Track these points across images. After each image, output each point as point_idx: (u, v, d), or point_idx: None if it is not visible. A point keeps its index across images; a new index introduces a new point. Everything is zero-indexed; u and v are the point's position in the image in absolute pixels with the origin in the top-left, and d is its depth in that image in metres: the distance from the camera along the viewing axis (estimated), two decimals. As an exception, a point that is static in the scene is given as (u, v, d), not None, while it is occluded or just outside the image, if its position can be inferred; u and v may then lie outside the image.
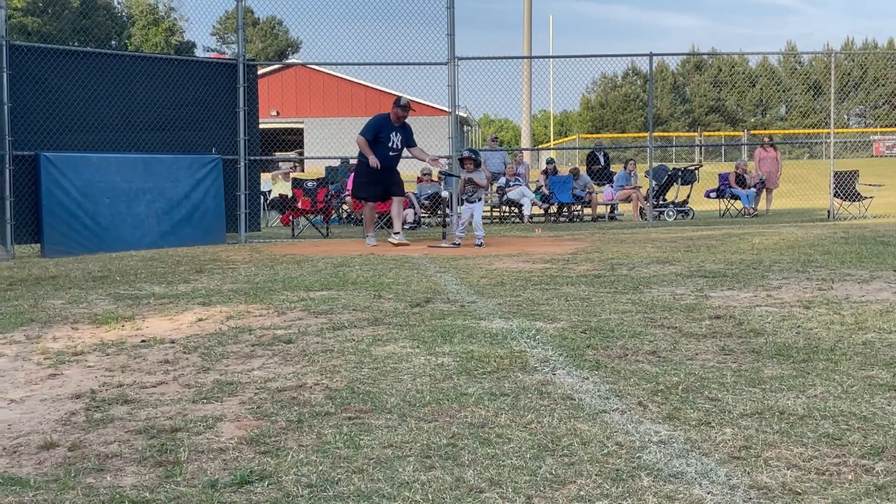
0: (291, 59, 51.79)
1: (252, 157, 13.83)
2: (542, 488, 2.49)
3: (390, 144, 12.14)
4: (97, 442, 3.08)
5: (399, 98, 12.28)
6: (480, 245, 11.64)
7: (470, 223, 12.17)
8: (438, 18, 14.90)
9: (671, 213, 18.86)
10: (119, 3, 61.08)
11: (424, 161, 12.89)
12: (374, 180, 12.29)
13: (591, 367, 4.03)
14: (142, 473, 2.74)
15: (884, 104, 49.68)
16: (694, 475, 2.56)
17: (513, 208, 19.17)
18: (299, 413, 3.34)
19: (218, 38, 65.34)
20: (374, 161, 11.89)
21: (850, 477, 2.54)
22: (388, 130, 12.17)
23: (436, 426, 3.12)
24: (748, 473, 2.57)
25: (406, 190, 17.54)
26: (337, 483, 2.57)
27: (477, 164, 12.11)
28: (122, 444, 3.05)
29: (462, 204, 12.50)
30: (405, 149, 12.46)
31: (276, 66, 42.24)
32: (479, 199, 12.22)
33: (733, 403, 3.33)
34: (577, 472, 2.62)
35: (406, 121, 12.41)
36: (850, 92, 46.90)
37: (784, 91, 51.95)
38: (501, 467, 2.67)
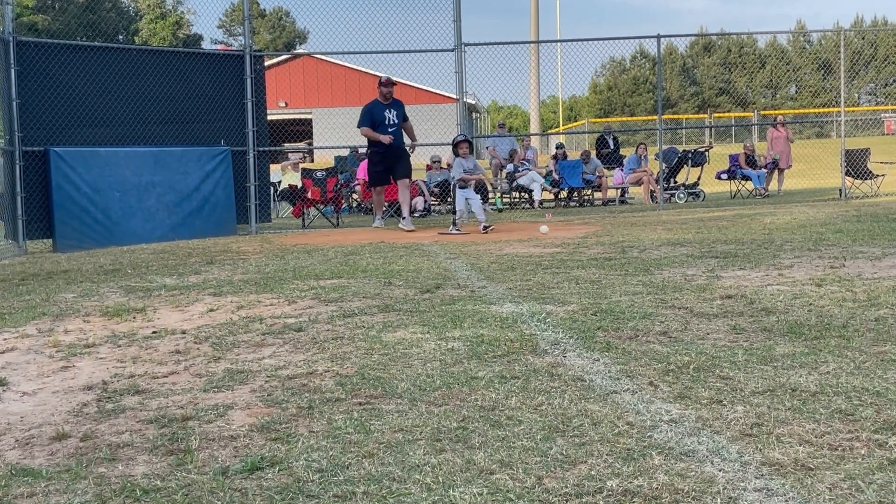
0: (298, 50, 51.73)
1: (261, 149, 13.84)
2: (552, 468, 2.48)
3: (387, 122, 12.66)
4: (109, 432, 3.09)
5: (380, 78, 12.82)
6: (486, 230, 11.63)
7: (470, 210, 12.16)
8: (444, 5, 14.88)
9: (682, 195, 18.79)
10: (125, -2, 61.20)
11: (410, 139, 13.20)
12: (381, 164, 12.83)
13: (602, 348, 4.01)
14: (153, 462, 2.75)
15: (895, 82, 49.36)
16: (706, 453, 2.55)
17: (523, 194, 19.14)
18: (310, 399, 3.34)
19: (225, 31, 65.41)
20: (387, 139, 12.51)
21: (862, 452, 2.52)
22: (380, 111, 12.69)
23: (446, 410, 3.12)
24: (760, 450, 2.55)
25: (415, 178, 17.55)
26: (347, 468, 2.57)
27: (471, 148, 12.34)
28: (134, 433, 3.05)
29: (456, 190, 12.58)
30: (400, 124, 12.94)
31: (283, 57, 42.24)
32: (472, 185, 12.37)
33: (745, 381, 3.32)
34: (587, 452, 2.61)
35: (399, 100, 12.98)
36: (860, 70, 46.52)
37: (794, 71, 51.64)
38: (512, 449, 2.66)
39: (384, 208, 14.07)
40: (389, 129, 12.63)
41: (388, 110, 12.69)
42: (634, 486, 2.32)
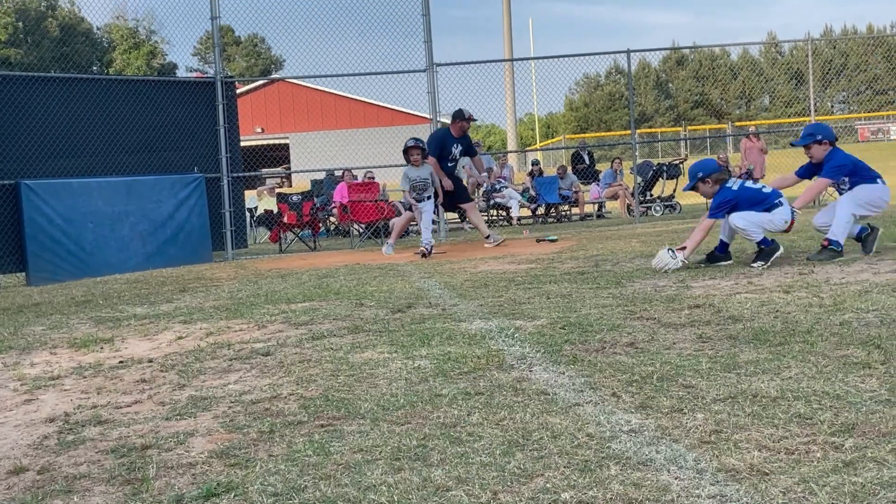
0: (273, 76, 51.75)
1: (235, 174, 13.81)
2: (509, 483, 2.47)
3: (450, 157, 12.21)
4: (67, 464, 3.05)
5: (461, 111, 12.27)
6: (428, 254, 10.81)
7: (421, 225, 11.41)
8: (416, 26, 14.95)
9: (658, 208, 18.88)
10: (98, 30, 61.11)
11: (477, 176, 12.82)
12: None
13: (568, 361, 4.01)
14: (109, 492, 2.71)
15: (866, 90, 49.81)
16: (663, 462, 2.54)
17: (500, 211, 19.19)
18: (271, 424, 3.31)
19: (200, 58, 65.35)
20: (448, 184, 11.94)
21: (818, 455, 2.52)
22: (450, 144, 12.20)
23: (407, 428, 3.10)
24: (717, 457, 2.55)
25: (393, 199, 17.58)
26: (303, 490, 2.54)
27: (425, 155, 11.42)
28: (92, 464, 3.02)
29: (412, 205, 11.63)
30: (466, 157, 12.62)
31: (259, 83, 42.25)
32: (429, 198, 11.47)
33: (707, 389, 3.31)
34: (545, 465, 2.59)
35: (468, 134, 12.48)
36: (832, 79, 46.98)
37: (766, 81, 52.03)
38: (470, 465, 2.64)
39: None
40: (449, 164, 12.22)
41: (456, 144, 12.22)
42: (589, 497, 2.31)
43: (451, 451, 2.80)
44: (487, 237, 12.17)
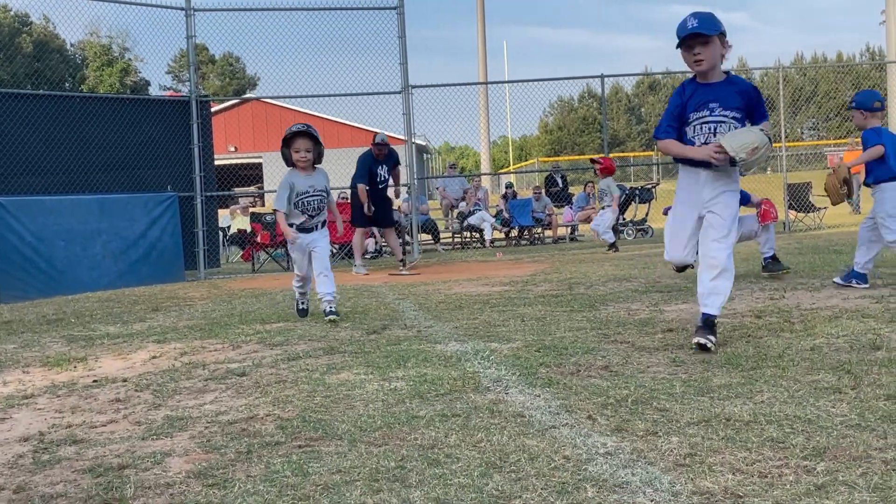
0: (246, 95, 51.66)
1: (208, 193, 13.78)
2: (487, 505, 2.49)
3: (378, 179, 12.59)
4: (43, 483, 3.04)
5: (375, 135, 12.67)
6: (330, 315, 6.80)
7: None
8: (391, 48, 15.04)
9: (630, 231, 19.02)
10: (72, 46, 60.80)
11: (395, 183, 13.04)
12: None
13: (544, 384, 4.04)
14: (86, 512, 2.71)
15: (835, 116, 50.51)
16: (638, 484, 2.57)
17: (474, 233, 19.25)
18: (249, 444, 3.31)
19: (173, 77, 65.17)
20: (368, 211, 12.39)
21: (791, 478, 2.56)
22: (375, 167, 12.57)
23: (385, 450, 3.11)
24: (692, 480, 2.59)
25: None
26: (282, 511, 2.55)
27: (318, 152, 6.87)
28: (68, 484, 3.01)
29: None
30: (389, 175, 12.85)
31: (232, 102, 42.17)
32: (321, 226, 7.37)
33: (681, 413, 3.36)
34: (523, 487, 2.62)
35: (393, 151, 12.87)
36: (801, 106, 47.64)
37: (738, 107, 52.58)
38: (448, 486, 2.66)
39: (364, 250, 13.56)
40: (379, 186, 12.63)
41: (381, 166, 12.60)
42: (567, 520, 2.33)
43: (430, 472, 2.82)
44: (401, 261, 12.59)
